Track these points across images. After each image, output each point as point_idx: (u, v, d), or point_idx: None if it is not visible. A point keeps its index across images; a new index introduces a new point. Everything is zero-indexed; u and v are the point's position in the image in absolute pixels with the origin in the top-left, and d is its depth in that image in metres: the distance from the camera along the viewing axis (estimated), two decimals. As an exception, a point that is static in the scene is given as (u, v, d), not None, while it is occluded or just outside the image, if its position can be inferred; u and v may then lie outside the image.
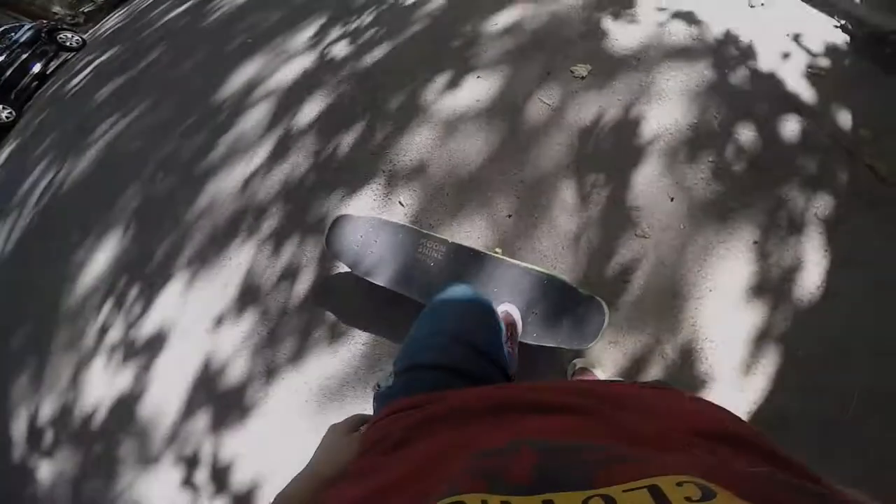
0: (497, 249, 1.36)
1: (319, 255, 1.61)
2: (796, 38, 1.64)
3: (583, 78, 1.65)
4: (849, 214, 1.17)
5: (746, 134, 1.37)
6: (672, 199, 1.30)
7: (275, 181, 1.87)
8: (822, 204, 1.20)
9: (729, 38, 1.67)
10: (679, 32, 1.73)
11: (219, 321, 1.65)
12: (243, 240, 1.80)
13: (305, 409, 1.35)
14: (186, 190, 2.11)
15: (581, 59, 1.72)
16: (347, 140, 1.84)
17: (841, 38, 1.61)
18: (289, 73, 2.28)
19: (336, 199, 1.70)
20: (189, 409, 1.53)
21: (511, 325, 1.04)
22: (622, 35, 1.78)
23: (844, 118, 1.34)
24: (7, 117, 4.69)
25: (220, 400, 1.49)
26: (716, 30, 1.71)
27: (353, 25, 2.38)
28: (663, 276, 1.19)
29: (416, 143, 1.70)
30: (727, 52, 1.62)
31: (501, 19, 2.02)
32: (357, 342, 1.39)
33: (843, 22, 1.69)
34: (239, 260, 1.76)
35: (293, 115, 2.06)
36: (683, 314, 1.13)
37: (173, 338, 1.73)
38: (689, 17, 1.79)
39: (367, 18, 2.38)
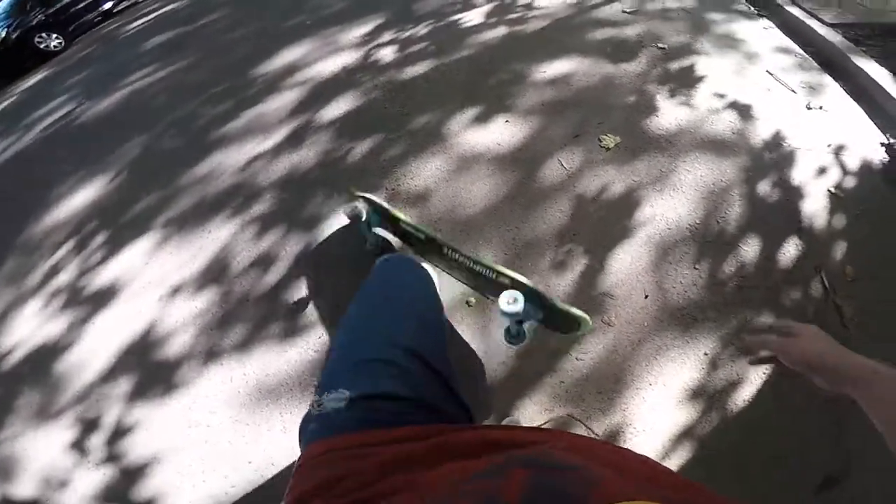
0: (471, 298, 1.58)
1: (299, 252, 1.84)
2: (837, 150, 1.87)
3: (608, 149, 1.90)
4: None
5: (742, 248, 1.58)
6: (646, 297, 1.50)
7: (279, 168, 2.17)
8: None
9: (771, 141, 1.91)
10: (724, 123, 1.99)
11: (175, 291, 1.86)
12: (228, 216, 2.07)
13: (235, 399, 1.49)
14: (191, 153, 2.43)
15: (614, 129, 1.99)
16: (362, 147, 2.14)
17: (879, 158, 1.84)
18: (330, 65, 2.66)
19: (333, 202, 1.95)
20: (111, 373, 1.68)
21: None
22: (666, 114, 2.05)
23: (838, 250, 1.56)
24: (55, 46, 5.60)
25: (149, 370, 1.63)
26: (763, 129, 1.96)
27: (407, 33, 2.79)
28: (613, 363, 1.39)
29: (427, 170, 1.97)
30: (761, 156, 1.86)
31: (552, 68, 2.35)
32: (309, 349, 1.56)
33: (892, 141, 1.93)
34: (218, 235, 2.00)
35: (319, 107, 2.40)
36: (619, 400, 1.33)
37: (123, 296, 1.93)
38: (743, 111, 2.05)
39: (421, 30, 2.79)
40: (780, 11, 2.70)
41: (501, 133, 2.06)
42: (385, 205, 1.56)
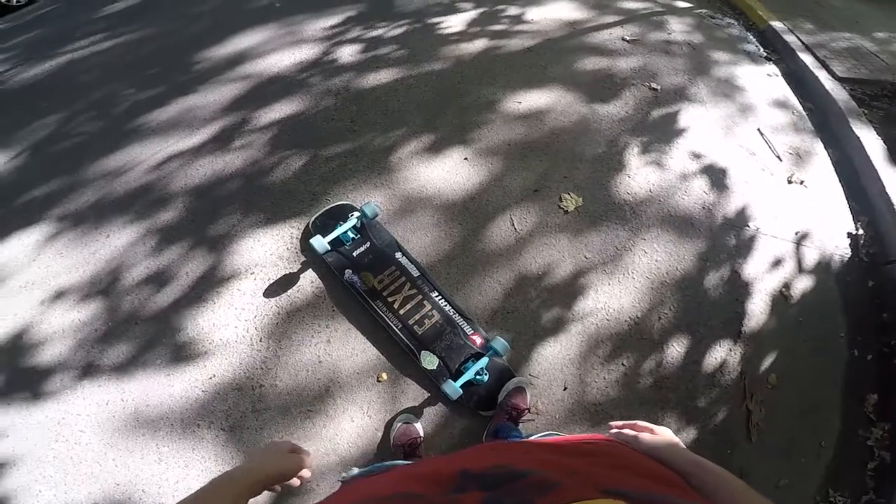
0: (382, 374, 1.43)
1: (200, 275, 1.64)
2: (801, 240, 1.80)
3: (566, 212, 1.73)
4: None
5: (674, 349, 1.51)
6: (565, 389, 1.42)
7: (198, 172, 1.90)
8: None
9: (737, 222, 1.81)
10: (694, 194, 1.86)
11: (59, 296, 1.68)
12: (131, 220, 1.81)
13: (109, 423, 1.41)
14: (104, 141, 2.12)
15: (578, 187, 1.82)
16: (295, 162, 1.89)
17: (840, 253, 1.79)
18: (286, 58, 2.35)
19: (248, 223, 1.73)
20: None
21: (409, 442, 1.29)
22: (638, 175, 1.89)
23: (769, 357, 1.55)
24: (18, 1, 5.03)
25: (17, 375, 1.52)
26: (733, 205, 1.85)
27: (377, 31, 2.49)
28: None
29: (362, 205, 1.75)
30: (722, 241, 1.75)
31: (528, 99, 2.14)
32: (195, 386, 1.45)
33: (860, 231, 1.85)
34: (116, 241, 1.76)
35: (259, 108, 2.11)
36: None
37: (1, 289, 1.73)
38: (717, 177, 1.93)
39: (394, 30, 2.49)
40: (791, 57, 2.55)
41: (457, 173, 1.85)
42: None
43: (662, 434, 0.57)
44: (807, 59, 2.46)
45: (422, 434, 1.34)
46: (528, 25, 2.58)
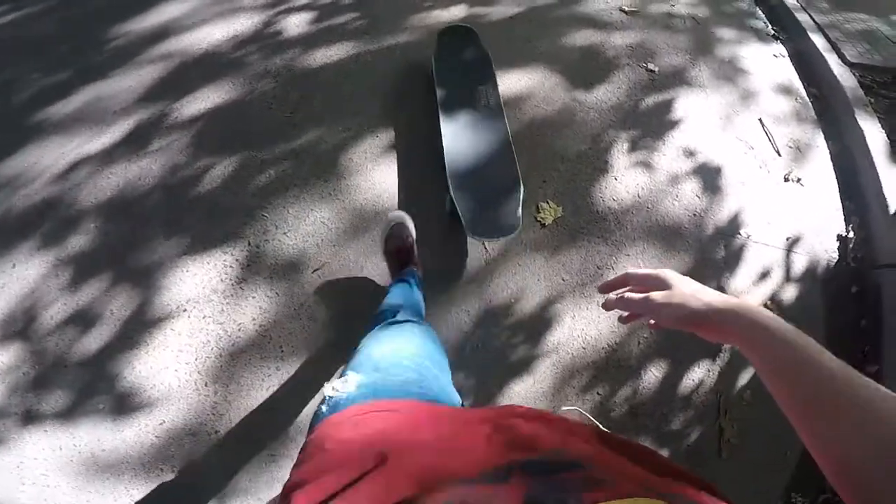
0: None
1: (128, 314, 1.40)
2: (792, 246, 1.67)
3: (544, 226, 1.51)
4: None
5: (651, 374, 1.42)
6: None
7: (109, 182, 1.56)
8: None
9: (728, 230, 1.64)
10: (686, 199, 1.67)
11: None
12: (39, 246, 1.50)
13: (69, 468, 1.28)
14: (1, 139, 1.72)
15: (558, 193, 1.59)
16: (226, 168, 1.57)
17: (827, 259, 1.68)
18: (217, 31, 1.91)
19: (173, 248, 1.44)
20: None
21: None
22: (623, 178, 1.68)
23: (746, 374, 1.47)
24: None
25: None
26: (726, 209, 1.69)
27: (329, -4, 2.07)
28: None
29: (307, 224, 1.48)
30: (711, 253, 1.59)
31: (505, 83, 1.78)
32: (148, 431, 1.29)
33: (850, 234, 1.72)
34: (24, 272, 1.47)
35: (183, 95, 1.72)
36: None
37: None
38: (711, 178, 1.74)
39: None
40: (800, 36, 2.29)
41: (420, 179, 1.58)
42: None
43: (671, 281, 0.45)
44: (818, 40, 2.20)
45: (414, 235, 1.32)
46: (510, -11, 2.18)
